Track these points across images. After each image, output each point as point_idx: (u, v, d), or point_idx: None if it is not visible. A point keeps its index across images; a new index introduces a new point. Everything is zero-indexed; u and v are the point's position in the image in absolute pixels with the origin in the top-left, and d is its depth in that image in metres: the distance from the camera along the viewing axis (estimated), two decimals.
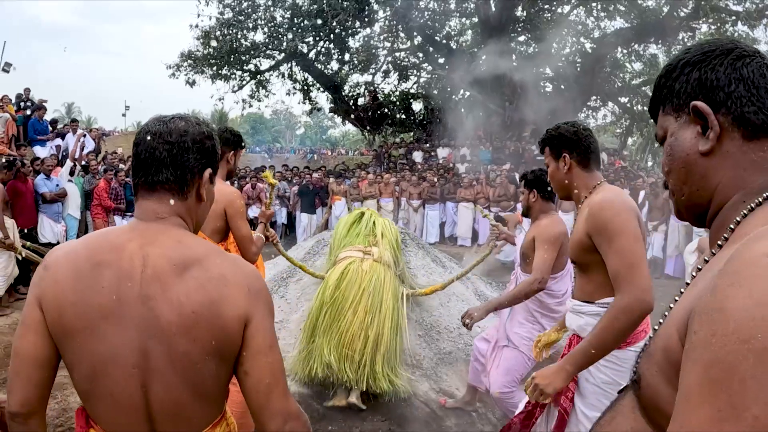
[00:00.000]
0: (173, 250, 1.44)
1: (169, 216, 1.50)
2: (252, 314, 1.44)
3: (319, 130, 62.92)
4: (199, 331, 1.39)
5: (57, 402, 4.71)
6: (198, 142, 1.52)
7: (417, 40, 23.81)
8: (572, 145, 2.63)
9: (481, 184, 14.71)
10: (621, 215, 2.37)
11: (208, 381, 1.45)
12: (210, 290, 1.41)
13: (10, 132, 13.58)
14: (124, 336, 1.39)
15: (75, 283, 1.41)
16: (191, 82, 24.12)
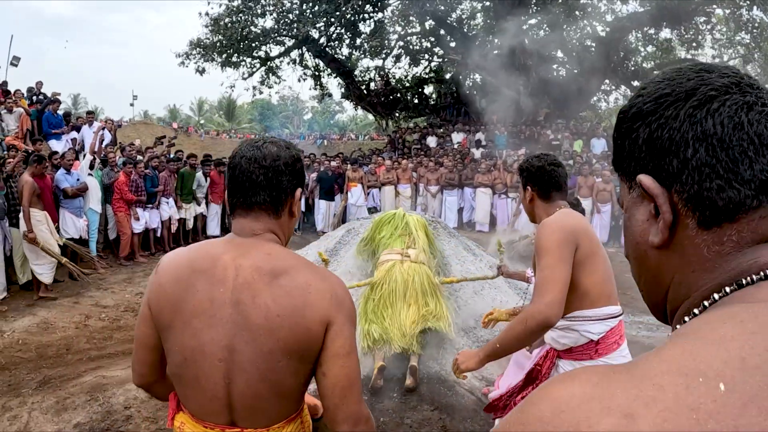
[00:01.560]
0: (264, 261, 1.59)
1: (263, 232, 1.66)
2: (333, 320, 1.56)
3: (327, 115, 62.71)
4: (283, 332, 1.52)
5: (100, 404, 4.73)
6: (290, 165, 1.67)
7: (429, 25, 23.64)
8: (534, 179, 2.85)
9: (499, 169, 14.73)
10: (552, 235, 2.53)
11: (288, 379, 1.58)
12: (295, 297, 1.54)
13: (25, 127, 13.60)
14: (214, 333, 1.55)
15: (174, 285, 1.61)
16: (201, 70, 23.98)
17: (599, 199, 12.83)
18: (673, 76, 0.80)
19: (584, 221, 2.76)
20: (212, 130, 42.62)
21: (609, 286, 2.67)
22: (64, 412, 4.57)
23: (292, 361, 1.55)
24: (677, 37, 21.32)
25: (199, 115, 56.38)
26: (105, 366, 5.59)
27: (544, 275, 2.47)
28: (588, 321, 2.62)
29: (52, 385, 5.15)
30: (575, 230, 2.56)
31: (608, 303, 2.65)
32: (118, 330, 6.89)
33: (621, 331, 2.72)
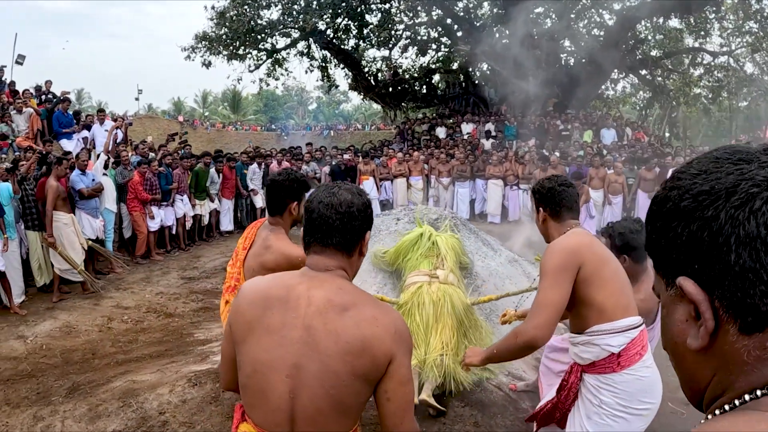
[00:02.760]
0: (335, 294, 1.78)
1: (335, 269, 1.85)
2: (396, 352, 1.74)
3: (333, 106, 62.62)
4: (350, 357, 1.70)
5: (133, 410, 4.75)
6: (362, 211, 1.87)
7: (436, 14, 23.52)
8: (546, 200, 2.94)
9: (510, 161, 14.70)
10: (552, 259, 2.66)
11: (350, 398, 1.73)
12: (363, 328, 1.72)
13: (35, 127, 13.56)
14: (283, 351, 1.73)
15: (250, 307, 1.83)
16: (207, 63, 23.97)
17: (611, 191, 12.79)
18: (710, 168, 0.76)
19: (589, 238, 2.80)
20: (218, 122, 42.67)
21: (624, 297, 2.71)
22: (98, 420, 4.60)
23: (356, 383, 1.71)
24: (686, 26, 21.20)
25: (203, 107, 56.41)
26: (133, 370, 5.62)
27: (538, 298, 2.63)
28: (607, 334, 2.65)
29: (82, 392, 5.18)
30: (578, 250, 2.66)
31: (625, 314, 2.68)
32: (142, 332, 6.91)
33: (643, 341, 2.73)
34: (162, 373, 5.49)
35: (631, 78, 24.84)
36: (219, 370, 2.36)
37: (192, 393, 4.98)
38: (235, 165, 13.27)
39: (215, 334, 6.70)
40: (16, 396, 5.16)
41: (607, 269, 2.69)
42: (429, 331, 4.88)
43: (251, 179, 13.76)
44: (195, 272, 9.82)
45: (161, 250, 11.05)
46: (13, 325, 7.14)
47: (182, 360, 5.86)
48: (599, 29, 22.35)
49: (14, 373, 5.76)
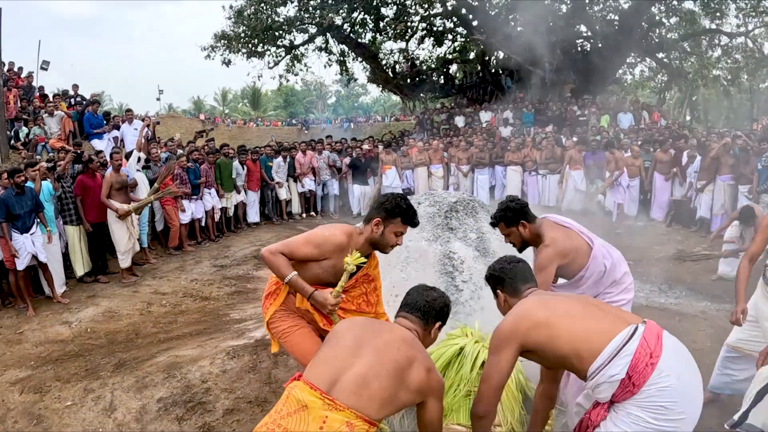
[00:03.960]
0: (407, 339, 2.73)
1: (412, 329, 2.84)
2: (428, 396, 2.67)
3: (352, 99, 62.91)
4: (398, 374, 2.56)
5: (178, 380, 5.15)
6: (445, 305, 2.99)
7: (451, 5, 23.71)
8: (501, 282, 3.03)
9: (528, 147, 14.92)
10: (497, 338, 2.74)
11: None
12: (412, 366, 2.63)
13: (67, 128, 14.14)
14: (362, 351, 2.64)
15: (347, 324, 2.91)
16: (227, 61, 24.45)
17: (628, 174, 12.91)
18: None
19: (535, 304, 2.76)
20: (239, 119, 43.13)
21: (592, 328, 2.61)
22: (145, 389, 5.01)
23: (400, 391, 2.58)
24: (701, 7, 21.15)
25: (223, 105, 56.97)
26: (175, 347, 6.03)
27: (482, 376, 2.80)
28: (602, 368, 2.52)
29: (128, 367, 5.59)
30: (521, 323, 2.69)
31: (606, 340, 2.55)
32: (181, 314, 7.35)
33: (650, 351, 2.49)
34: (202, 348, 5.89)
35: (649, 62, 24.78)
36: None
37: (231, 364, 5.37)
38: (259, 158, 13.67)
39: (249, 314, 7.11)
40: (66, 373, 5.59)
41: (561, 317, 2.65)
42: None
43: (276, 172, 14.15)
44: (226, 260, 10.24)
45: (192, 241, 11.49)
46: (57, 312, 7.60)
47: (220, 337, 6.26)
48: (614, 13, 22.36)
49: (62, 353, 6.20)
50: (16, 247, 7.45)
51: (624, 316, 2.71)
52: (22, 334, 6.83)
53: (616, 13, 22.14)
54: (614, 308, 2.85)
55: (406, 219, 3.40)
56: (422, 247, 6.82)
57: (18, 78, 16.27)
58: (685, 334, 5.89)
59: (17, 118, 14.14)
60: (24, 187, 7.63)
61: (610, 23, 21.94)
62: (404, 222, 3.41)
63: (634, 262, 8.98)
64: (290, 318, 3.58)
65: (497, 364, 2.70)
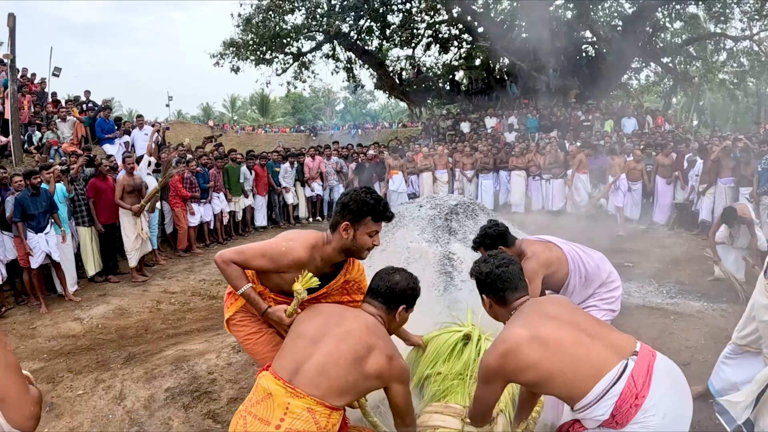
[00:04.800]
0: (370, 326, 2.76)
1: (376, 315, 2.87)
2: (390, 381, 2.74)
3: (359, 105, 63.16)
4: (357, 362, 2.63)
5: (185, 372, 5.35)
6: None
7: (456, 12, 23.95)
8: (487, 288, 2.85)
9: (532, 152, 15.08)
10: (485, 369, 2.60)
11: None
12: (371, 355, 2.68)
13: (79, 133, 14.49)
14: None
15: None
16: (235, 68, 24.82)
17: (630, 178, 13.03)
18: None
19: (526, 337, 2.50)
20: (247, 125, 43.40)
21: (583, 372, 2.45)
22: (153, 380, 5.22)
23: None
24: (705, 11, 21.25)
25: (232, 111, 57.29)
26: (183, 342, 6.25)
27: (474, 396, 2.81)
28: (587, 408, 2.46)
29: (137, 360, 5.81)
30: (508, 362, 2.50)
31: (596, 379, 2.43)
32: (189, 312, 7.58)
33: (636, 391, 2.39)
34: (209, 343, 6.11)
35: (654, 66, 24.88)
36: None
37: (236, 358, 5.57)
38: (266, 163, 13.91)
39: None
40: (77, 365, 5.81)
41: (551, 356, 2.46)
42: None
43: (283, 177, 14.38)
44: None
45: (201, 243, 11.73)
46: (69, 309, 7.87)
47: (226, 333, 6.44)
48: (618, 18, 22.49)
49: (74, 347, 6.44)
50: (31, 246, 7.73)
51: (616, 346, 2.51)
52: (35, 329, 7.08)
53: (620, 18, 22.29)
54: (607, 332, 2.61)
55: (377, 216, 2.99)
56: (423, 247, 7.02)
57: (31, 84, 16.60)
58: (680, 332, 6.05)
59: (31, 123, 14.47)
60: (39, 189, 7.90)
61: (614, 28, 22.09)
62: (375, 219, 2.99)
63: (633, 264, 9.19)
64: (252, 323, 3.39)
65: (486, 393, 2.69)
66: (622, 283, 7.76)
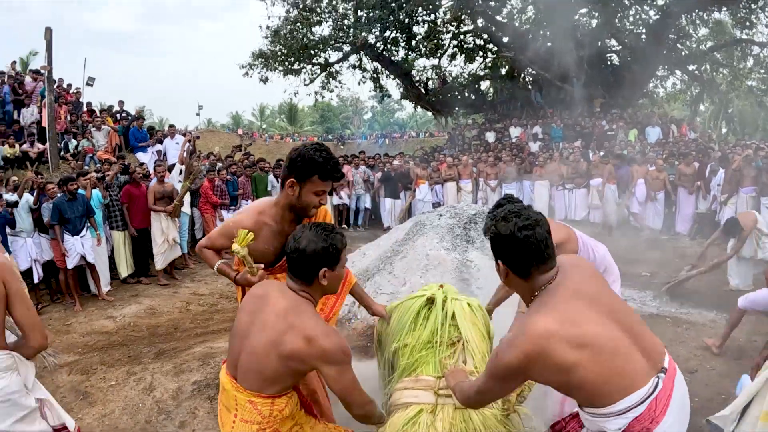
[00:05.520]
0: (289, 307, 2.53)
1: (298, 290, 2.60)
2: (316, 363, 2.51)
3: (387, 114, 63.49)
4: (273, 348, 2.46)
5: (212, 367, 5.64)
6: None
7: (481, 22, 24.11)
8: (505, 256, 2.24)
9: (555, 161, 15.20)
10: (506, 355, 2.10)
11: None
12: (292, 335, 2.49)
13: (113, 142, 15.06)
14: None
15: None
16: (264, 79, 25.29)
17: (653, 187, 13.09)
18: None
19: (559, 333, 2.03)
20: (276, 134, 43.89)
21: (614, 385, 2.07)
22: (182, 374, 5.53)
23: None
24: (730, 17, 21.07)
25: (261, 120, 57.94)
26: (210, 340, 6.58)
27: (477, 388, 2.38)
28: (605, 417, 2.12)
29: (167, 355, 6.14)
30: (536, 361, 2.05)
31: (626, 393, 2.07)
32: (217, 312, 7.94)
33: (654, 414, 2.08)
34: None
35: (680, 74, 24.71)
36: None
37: None
38: None
39: None
40: (110, 359, 6.18)
41: (588, 361, 2.04)
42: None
43: None
44: None
45: None
46: (102, 308, 8.32)
47: None
48: (642, 27, 22.41)
49: (107, 343, 6.84)
50: (67, 248, 8.22)
51: (651, 353, 2.18)
52: (70, 325, 7.49)
53: (644, 25, 22.22)
54: (642, 329, 2.23)
55: (325, 174, 2.93)
56: (441, 255, 7.27)
57: (67, 94, 17.25)
58: (691, 341, 6.15)
59: (67, 131, 15.12)
60: (76, 194, 8.35)
61: (638, 36, 22.04)
62: (323, 178, 2.93)
63: (650, 274, 9.25)
64: None
65: (496, 389, 2.30)
66: (638, 293, 7.90)
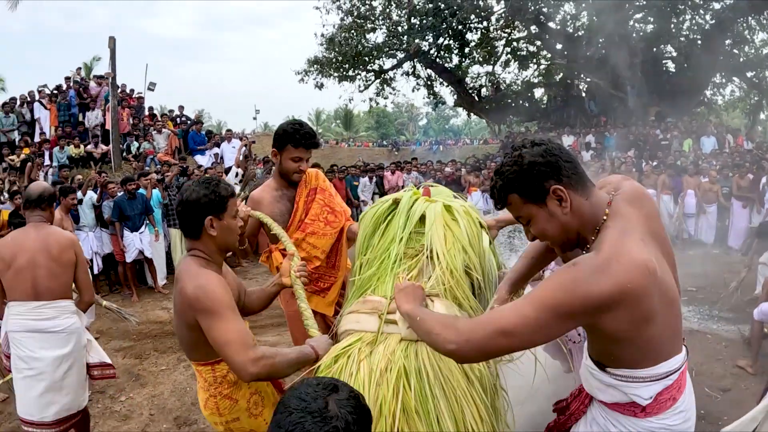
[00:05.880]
0: (185, 269, 2.42)
1: (192, 250, 2.49)
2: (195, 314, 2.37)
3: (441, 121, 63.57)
4: (180, 316, 2.41)
5: None
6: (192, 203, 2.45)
7: (533, 29, 24.08)
8: (548, 174, 1.75)
9: (607, 171, 15.03)
10: (587, 288, 1.60)
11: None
12: None
13: (173, 145, 15.73)
14: None
15: None
16: (319, 85, 25.93)
17: (705, 200, 12.71)
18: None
19: (652, 259, 1.65)
20: (331, 139, 44.46)
21: (676, 328, 1.84)
22: None
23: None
24: None
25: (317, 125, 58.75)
26: (258, 334, 6.91)
27: (507, 315, 1.70)
28: (640, 382, 1.82)
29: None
30: (641, 286, 1.61)
31: (670, 355, 1.82)
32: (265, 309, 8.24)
33: (681, 382, 1.89)
34: (280, 336, 6.80)
35: (738, 81, 23.99)
36: None
37: None
38: (345, 177, 14.57)
39: None
40: (162, 346, 6.67)
41: (672, 302, 1.76)
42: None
43: (362, 191, 14.96)
44: None
45: None
46: (157, 300, 8.91)
47: None
48: (698, 32, 21.94)
49: (161, 332, 7.32)
50: (126, 243, 8.88)
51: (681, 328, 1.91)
52: None
53: (700, 32, 21.78)
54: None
55: (296, 142, 3.25)
56: None
57: (130, 98, 18.05)
58: (728, 359, 5.96)
59: (129, 134, 15.88)
60: (135, 194, 8.94)
61: (694, 42, 21.60)
62: (295, 145, 3.26)
63: (696, 289, 9.02)
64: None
65: (540, 333, 1.68)
66: (682, 308, 7.76)
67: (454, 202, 2.85)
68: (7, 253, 3.76)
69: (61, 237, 3.90)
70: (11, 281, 3.76)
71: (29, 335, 3.76)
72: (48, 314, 3.78)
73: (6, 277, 3.76)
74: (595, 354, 1.91)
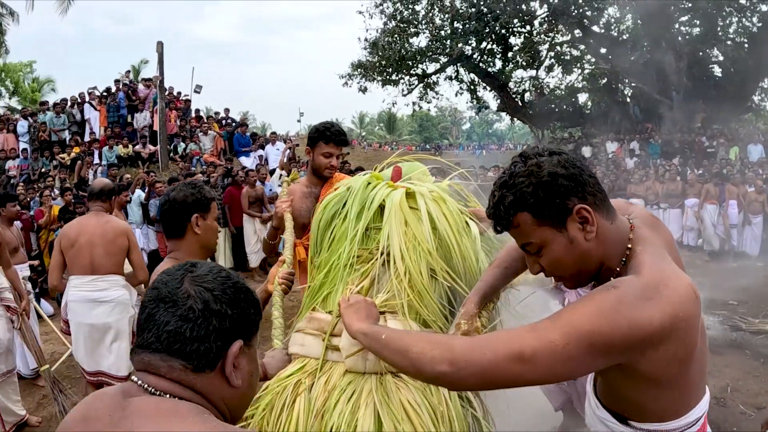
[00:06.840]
0: None
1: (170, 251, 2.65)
2: None
3: (485, 125, 63.24)
4: None
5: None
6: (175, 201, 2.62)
7: (577, 33, 23.82)
8: (571, 191, 1.43)
9: (651, 179, 14.82)
10: (637, 316, 1.32)
11: None
12: None
13: (219, 146, 16.14)
14: None
15: None
16: (363, 89, 26.13)
17: (751, 210, 12.45)
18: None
19: (692, 292, 1.40)
20: (374, 142, 44.67)
21: (703, 376, 1.60)
22: None
23: None
24: None
25: (360, 128, 59.05)
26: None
27: (535, 336, 1.36)
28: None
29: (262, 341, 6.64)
30: (691, 315, 1.37)
31: (699, 398, 1.58)
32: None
33: (704, 427, 1.63)
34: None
35: None
36: None
37: None
38: None
39: None
40: None
41: (703, 334, 1.53)
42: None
43: None
44: None
45: None
46: None
47: None
48: (745, 36, 21.28)
49: None
50: None
51: None
52: None
53: (746, 35, 21.16)
54: None
55: (326, 138, 3.51)
56: None
57: (177, 101, 18.54)
58: (765, 376, 5.90)
59: (176, 135, 16.35)
60: None
61: (741, 46, 21.03)
62: (325, 142, 3.51)
63: (738, 303, 8.85)
64: None
65: (565, 359, 1.33)
66: (722, 321, 7.62)
67: (425, 186, 2.31)
68: (72, 234, 4.64)
69: (117, 224, 4.75)
70: (73, 258, 4.61)
71: (84, 304, 4.64)
72: (101, 286, 4.65)
73: (69, 254, 4.61)
74: (614, 403, 1.59)
